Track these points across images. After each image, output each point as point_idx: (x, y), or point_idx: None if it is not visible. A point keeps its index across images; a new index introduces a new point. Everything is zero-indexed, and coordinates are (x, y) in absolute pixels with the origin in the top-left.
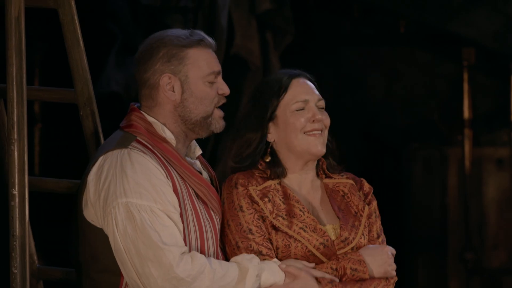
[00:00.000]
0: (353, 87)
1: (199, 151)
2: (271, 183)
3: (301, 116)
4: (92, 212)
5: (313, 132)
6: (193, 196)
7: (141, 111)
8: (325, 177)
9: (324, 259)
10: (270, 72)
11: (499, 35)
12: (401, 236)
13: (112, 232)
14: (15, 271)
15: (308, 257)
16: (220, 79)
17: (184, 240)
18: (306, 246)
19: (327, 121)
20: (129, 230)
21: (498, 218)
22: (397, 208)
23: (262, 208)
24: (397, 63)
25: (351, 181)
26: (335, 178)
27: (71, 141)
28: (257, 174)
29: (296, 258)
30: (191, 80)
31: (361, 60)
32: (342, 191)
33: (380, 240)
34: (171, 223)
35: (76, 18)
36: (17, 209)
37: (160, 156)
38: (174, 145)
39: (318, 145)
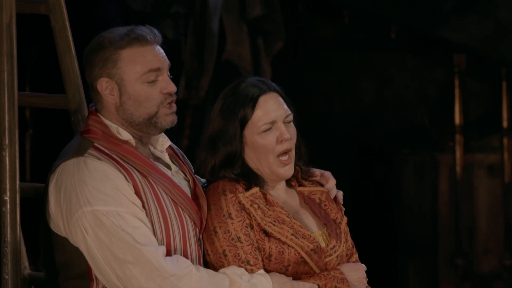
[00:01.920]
0: (344, 92)
1: (167, 143)
2: (256, 189)
3: (270, 136)
4: (55, 223)
5: (282, 157)
6: (158, 193)
7: (98, 114)
8: (298, 186)
9: (313, 266)
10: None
11: (490, 40)
12: (392, 241)
13: (84, 241)
14: (7, 277)
15: (300, 263)
16: (163, 77)
17: None
18: (299, 253)
19: (294, 137)
20: (102, 237)
21: (489, 223)
22: (388, 213)
23: (254, 215)
24: (388, 68)
25: (325, 189)
26: (308, 187)
27: (62, 147)
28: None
29: (288, 265)
30: (127, 83)
31: (352, 65)
32: (319, 198)
33: (354, 250)
34: (140, 224)
35: (67, 24)
36: (8, 215)
37: (118, 159)
38: (134, 144)
39: (287, 171)
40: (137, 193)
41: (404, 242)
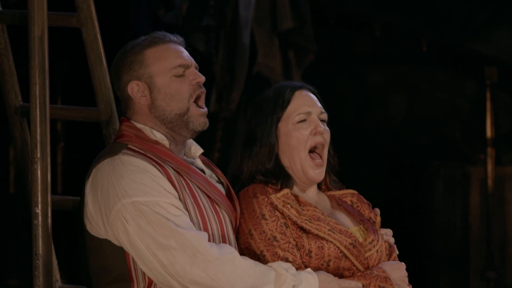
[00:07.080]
0: (374, 105)
1: (199, 151)
2: (287, 191)
3: (304, 129)
4: (94, 225)
5: (316, 158)
6: (194, 190)
7: (130, 121)
8: (328, 191)
9: (354, 261)
10: None
11: None
12: (423, 254)
13: (125, 233)
14: None
15: (340, 258)
16: (191, 70)
17: None
18: (338, 247)
19: (327, 136)
20: (143, 226)
21: None
22: (419, 226)
23: (288, 214)
24: (419, 81)
25: (356, 192)
26: (338, 191)
27: (93, 160)
28: (269, 185)
29: (329, 260)
30: (156, 79)
31: (382, 79)
32: (350, 200)
33: (392, 249)
34: (180, 212)
35: (99, 37)
36: (40, 228)
37: (153, 158)
38: (167, 145)
39: (318, 174)
40: (172, 186)
41: (435, 255)
